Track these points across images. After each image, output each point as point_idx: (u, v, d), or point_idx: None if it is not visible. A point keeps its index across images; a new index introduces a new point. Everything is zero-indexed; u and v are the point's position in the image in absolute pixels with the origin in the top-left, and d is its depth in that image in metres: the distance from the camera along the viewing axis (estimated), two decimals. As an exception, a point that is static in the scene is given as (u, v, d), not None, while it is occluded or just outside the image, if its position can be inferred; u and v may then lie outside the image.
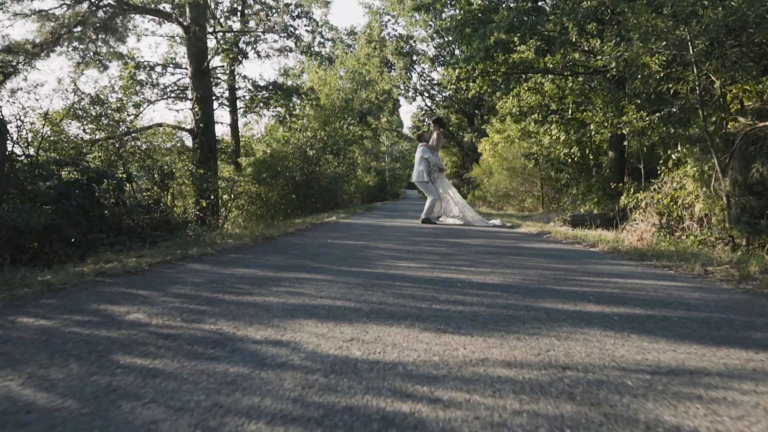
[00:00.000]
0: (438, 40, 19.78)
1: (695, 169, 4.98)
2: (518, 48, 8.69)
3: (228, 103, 12.33)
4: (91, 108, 6.62)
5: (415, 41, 21.16)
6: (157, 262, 2.81)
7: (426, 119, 24.02)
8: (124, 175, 5.37)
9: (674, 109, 6.24)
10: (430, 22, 19.56)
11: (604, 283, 2.44)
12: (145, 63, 10.82)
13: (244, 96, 12.47)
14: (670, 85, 5.17)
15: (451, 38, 11.33)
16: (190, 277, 2.43)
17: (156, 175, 6.71)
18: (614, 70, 7.07)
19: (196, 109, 8.04)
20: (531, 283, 2.38)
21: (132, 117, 7.25)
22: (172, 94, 10.16)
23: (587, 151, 11.21)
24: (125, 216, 5.34)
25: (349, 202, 17.47)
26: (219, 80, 12.75)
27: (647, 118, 6.20)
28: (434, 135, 7.24)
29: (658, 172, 6.86)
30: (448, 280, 2.43)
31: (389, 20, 21.57)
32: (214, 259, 3.11)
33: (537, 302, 1.95)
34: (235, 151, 12.09)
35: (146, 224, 5.90)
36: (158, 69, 12.07)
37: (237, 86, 12.11)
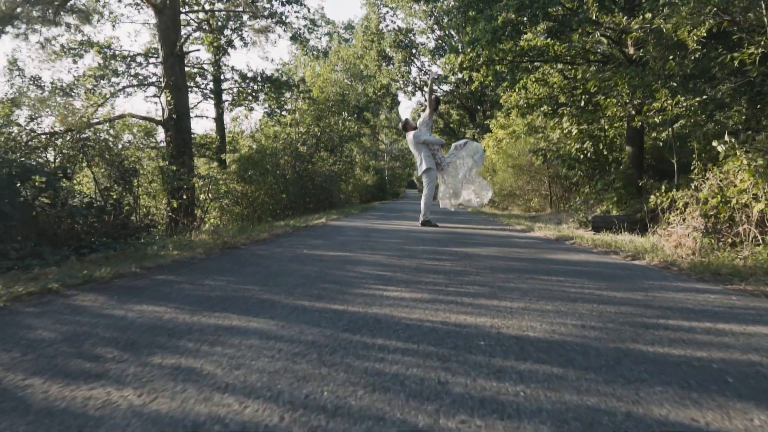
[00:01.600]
0: (438, 32, 18.86)
1: (761, 162, 4.07)
2: (527, 31, 7.79)
3: (213, 96, 11.39)
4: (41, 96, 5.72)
5: (414, 34, 20.23)
6: (26, 293, 1.90)
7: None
8: (62, 172, 4.45)
9: (720, 93, 5.34)
10: (430, 14, 18.64)
11: (712, 333, 1.53)
12: (118, 51, 9.87)
13: (231, 88, 11.54)
14: (735, 54, 4.24)
15: (452, 22, 10.42)
16: (40, 330, 1.52)
17: (114, 172, 5.80)
18: (642, 51, 6.17)
19: (169, 98, 7.13)
20: (597, 336, 1.47)
21: (91, 106, 6.34)
22: (143, 83, 9.19)
23: (601, 147, 10.31)
24: (64, 220, 4.43)
25: (346, 201, 16.58)
26: (204, 71, 11.84)
27: (685, 104, 5.29)
28: (426, 111, 6.39)
29: (692, 168, 5.97)
30: (464, 330, 1.51)
31: (387, 12, 20.64)
32: (127, 284, 2.21)
33: (637, 398, 1.04)
34: (221, 147, 11.17)
35: (95, 229, 5.00)
36: (139, 59, 11.15)
37: (223, 77, 11.18)
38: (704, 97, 5.07)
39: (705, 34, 5.35)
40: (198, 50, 9.85)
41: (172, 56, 7.13)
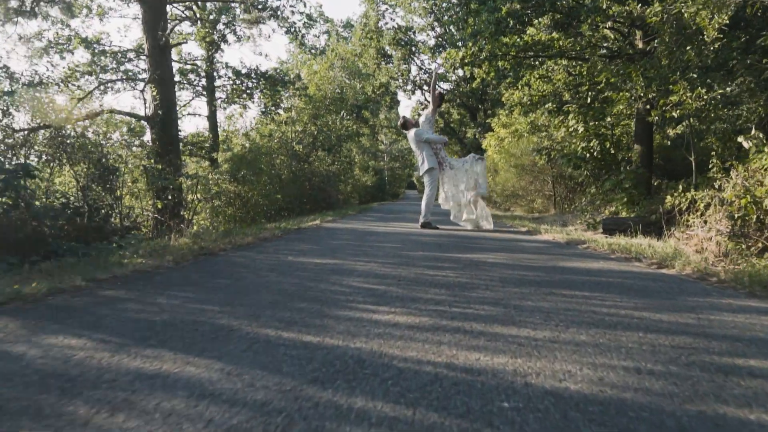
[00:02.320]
0: (438, 30, 18.46)
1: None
2: (533, 22, 7.39)
3: (205, 93, 10.98)
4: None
5: (414, 32, 19.83)
6: None
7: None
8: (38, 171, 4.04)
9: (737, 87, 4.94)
10: (430, 10, 18.26)
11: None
12: (108, 47, 9.47)
13: (224, 86, 11.13)
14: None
15: (452, 18, 10.04)
16: None
17: (92, 171, 5.40)
18: (656, 41, 5.77)
19: (154, 93, 6.73)
20: (663, 389, 1.06)
21: (71, 101, 5.94)
22: (127, 77, 8.75)
23: (608, 145, 9.90)
24: (28, 223, 4.02)
25: (345, 202, 16.17)
26: (197, 67, 11.44)
27: (705, 96, 4.88)
28: (429, 108, 6.00)
29: (709, 166, 5.58)
30: (478, 381, 1.11)
31: (387, 9, 20.24)
32: (59, 304, 1.80)
33: None
34: (213, 146, 10.76)
35: (66, 233, 4.59)
36: (130, 55, 10.73)
37: (216, 74, 10.78)
38: (727, 89, 4.66)
39: (727, 21, 4.95)
40: (185, 42, 9.43)
41: (157, 48, 6.72)
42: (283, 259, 3.12)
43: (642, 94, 5.54)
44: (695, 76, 5.03)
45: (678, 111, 5.09)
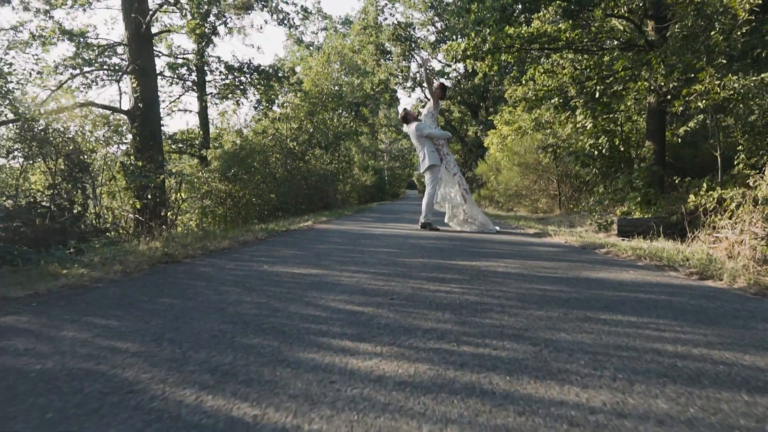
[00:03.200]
0: (439, 24, 17.98)
1: None
2: (541, 6, 6.90)
3: (195, 88, 10.48)
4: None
5: (414, 28, 19.33)
6: None
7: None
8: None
9: None
10: (430, 5, 17.78)
11: None
12: (93, 40, 8.96)
13: (215, 80, 10.64)
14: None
15: (454, 5, 9.56)
16: None
17: (56, 167, 4.92)
18: (678, 25, 5.29)
19: (134, 84, 6.24)
20: None
21: (43, 92, 5.46)
22: (105, 68, 8.21)
23: (617, 142, 9.41)
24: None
25: (343, 202, 15.67)
26: (188, 61, 10.95)
27: (736, 84, 4.38)
28: (431, 102, 5.52)
29: (735, 162, 5.09)
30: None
31: (386, 4, 19.74)
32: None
33: None
34: (204, 143, 10.27)
35: (22, 235, 4.11)
36: (119, 49, 10.24)
37: (207, 68, 10.29)
38: (763, 75, 4.16)
39: (760, 2, 4.47)
40: (169, 32, 8.93)
41: (138, 37, 6.23)
42: (257, 268, 2.63)
43: (662, 84, 5.04)
44: (725, 61, 4.54)
45: (704, 101, 4.59)
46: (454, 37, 15.98)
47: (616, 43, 8.66)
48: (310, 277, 2.36)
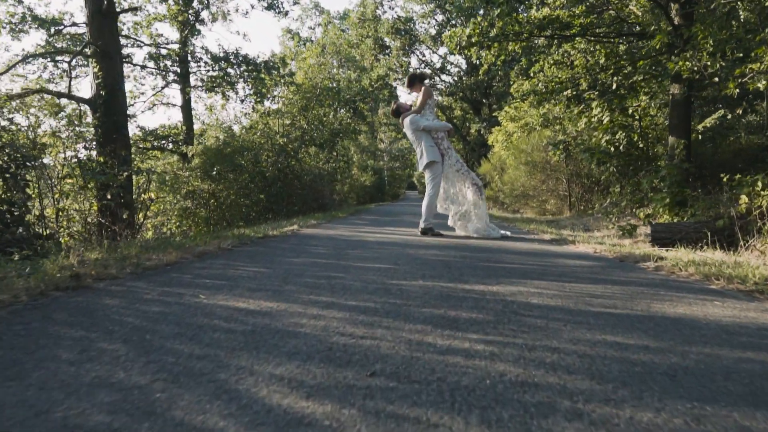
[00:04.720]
0: (440, 16, 17.20)
1: None
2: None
3: (178, 79, 9.69)
4: None
5: (414, 22, 18.55)
6: None
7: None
8: None
9: None
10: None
11: None
12: (65, 24, 8.17)
13: (200, 71, 9.85)
14: None
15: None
16: None
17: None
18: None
19: (96, 69, 5.46)
20: None
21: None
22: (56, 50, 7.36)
23: (635, 138, 8.62)
24: None
25: (341, 203, 14.87)
26: (170, 52, 10.16)
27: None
28: (420, 95, 4.73)
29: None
30: None
31: (385, -2, 18.95)
32: None
33: None
34: (187, 139, 9.48)
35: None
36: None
37: (190, 57, 9.50)
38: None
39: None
40: (136, 9, 8.12)
41: (99, 14, 5.45)
42: (187, 300, 1.84)
43: (708, 63, 4.25)
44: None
45: (765, 81, 3.80)
46: (456, 25, 15.18)
47: (637, 29, 7.89)
48: (256, 319, 1.56)
